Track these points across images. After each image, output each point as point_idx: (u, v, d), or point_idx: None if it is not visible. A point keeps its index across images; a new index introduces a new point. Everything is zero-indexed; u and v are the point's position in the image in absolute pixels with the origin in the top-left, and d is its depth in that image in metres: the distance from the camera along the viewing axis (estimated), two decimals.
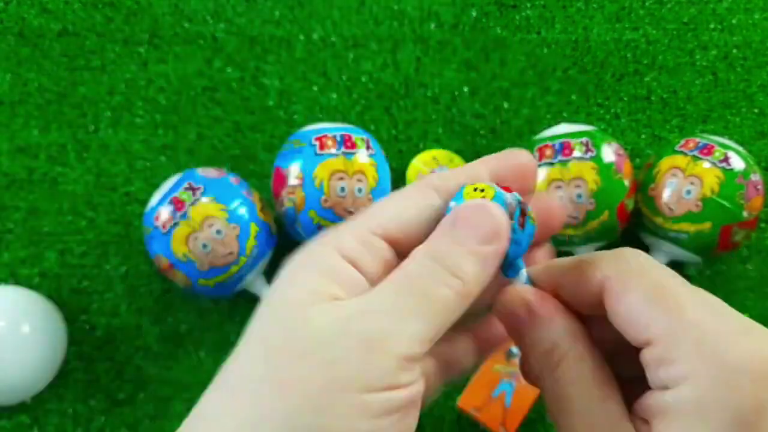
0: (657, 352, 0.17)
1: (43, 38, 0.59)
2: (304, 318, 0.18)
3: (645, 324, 0.18)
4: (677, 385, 0.17)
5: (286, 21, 0.60)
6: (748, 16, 0.61)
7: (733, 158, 0.47)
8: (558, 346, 0.20)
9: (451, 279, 0.18)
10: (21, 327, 0.46)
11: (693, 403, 0.16)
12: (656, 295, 0.18)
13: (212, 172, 0.48)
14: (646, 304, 0.18)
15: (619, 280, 0.19)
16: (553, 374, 0.19)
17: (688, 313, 0.17)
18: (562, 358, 0.19)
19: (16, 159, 0.55)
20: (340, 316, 0.18)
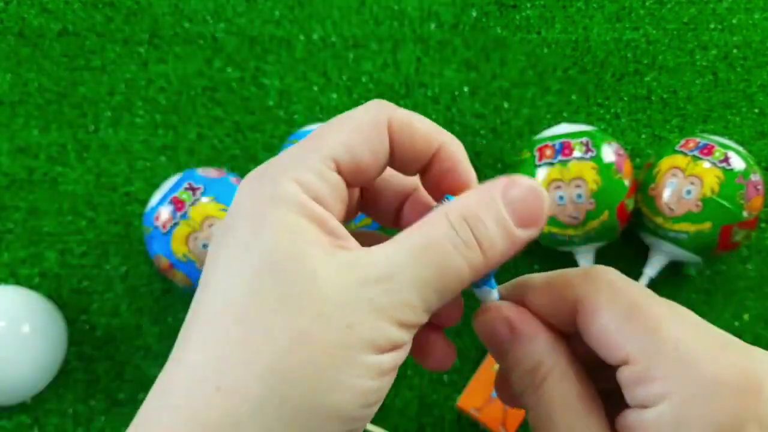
0: (634, 370, 0.17)
1: (43, 38, 0.59)
2: (311, 272, 0.17)
3: (620, 343, 0.18)
4: (656, 403, 0.17)
5: (286, 21, 0.61)
6: (748, 16, 0.61)
7: (733, 158, 0.47)
8: (542, 364, 0.19)
9: (474, 253, 0.18)
10: (21, 327, 0.46)
11: (672, 422, 0.16)
12: (630, 313, 0.18)
13: (212, 172, 0.48)
14: (621, 324, 0.18)
15: (592, 301, 0.19)
16: (536, 392, 0.19)
17: (664, 330, 0.17)
18: (547, 375, 0.19)
19: (17, 159, 0.55)
20: (353, 278, 0.17)
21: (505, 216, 0.18)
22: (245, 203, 0.18)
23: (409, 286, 0.17)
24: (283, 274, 0.17)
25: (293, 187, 0.18)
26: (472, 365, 0.50)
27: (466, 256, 0.18)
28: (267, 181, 0.18)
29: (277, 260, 0.17)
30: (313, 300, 0.17)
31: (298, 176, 0.18)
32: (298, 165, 0.19)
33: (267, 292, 0.17)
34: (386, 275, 0.17)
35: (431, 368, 0.23)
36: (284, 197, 0.18)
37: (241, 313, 0.17)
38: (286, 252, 0.17)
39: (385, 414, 0.49)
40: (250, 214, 0.18)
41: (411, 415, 0.49)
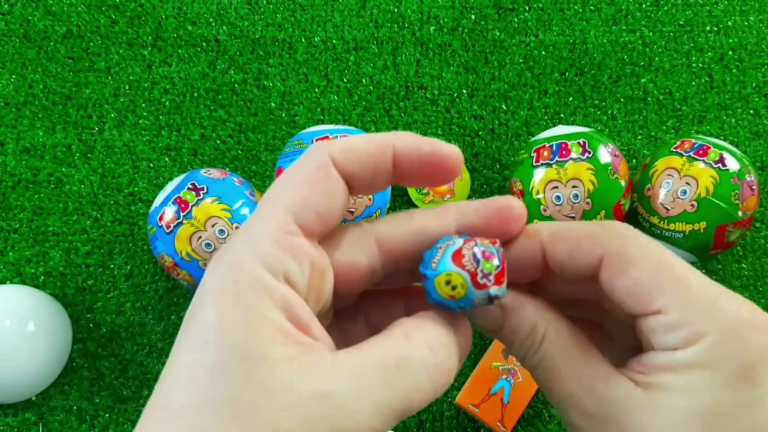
0: (667, 319, 0.19)
1: (48, 40, 0.60)
2: (271, 381, 0.16)
3: (653, 296, 0.19)
4: (689, 345, 0.18)
5: (288, 24, 0.61)
6: (743, 18, 0.62)
7: (728, 159, 0.47)
8: (537, 326, 0.20)
9: (444, 377, 0.18)
10: (26, 325, 0.47)
11: (707, 359, 0.18)
12: (659, 267, 0.19)
13: (215, 172, 0.49)
14: (652, 277, 0.19)
15: (622, 256, 0.19)
16: (538, 352, 0.20)
17: (693, 282, 0.19)
18: (544, 334, 0.20)
19: (22, 159, 0.56)
20: (315, 392, 0.16)
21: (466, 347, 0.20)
22: (210, 289, 0.18)
23: (372, 410, 0.17)
24: (242, 380, 0.16)
25: (257, 268, 0.17)
26: (470, 362, 0.51)
27: (433, 380, 0.18)
28: (230, 264, 0.18)
29: (235, 366, 0.16)
30: (270, 414, 0.16)
31: (261, 253, 0.18)
32: (258, 239, 0.18)
33: (224, 401, 0.16)
34: (349, 394, 0.17)
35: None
36: (249, 282, 0.17)
37: (195, 421, 0.16)
38: (247, 354, 0.16)
39: None
40: (214, 305, 0.17)
41: None
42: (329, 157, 0.19)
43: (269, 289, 0.17)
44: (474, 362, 0.51)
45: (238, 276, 0.17)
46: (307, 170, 0.19)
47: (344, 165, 0.19)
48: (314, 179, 0.19)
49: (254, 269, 0.17)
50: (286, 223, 0.18)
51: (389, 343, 0.18)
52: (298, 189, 0.19)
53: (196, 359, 0.17)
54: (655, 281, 0.19)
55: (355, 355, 0.17)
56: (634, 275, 0.19)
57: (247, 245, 0.18)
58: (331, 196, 0.19)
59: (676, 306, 0.18)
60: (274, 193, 0.19)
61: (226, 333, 0.17)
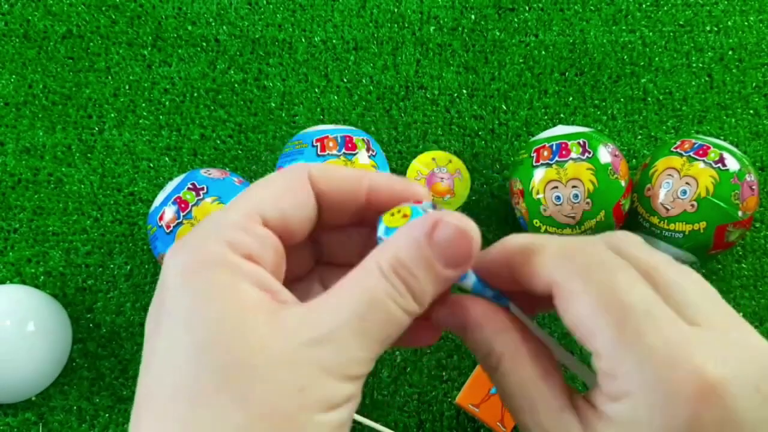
0: (602, 364, 0.18)
1: (48, 40, 0.60)
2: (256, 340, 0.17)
3: (590, 337, 0.18)
4: (619, 399, 0.17)
5: (288, 24, 0.61)
6: (743, 18, 0.62)
7: (728, 159, 0.47)
8: (492, 349, 0.20)
9: (411, 303, 0.19)
10: (26, 325, 0.47)
11: (631, 423, 0.17)
12: (602, 303, 0.18)
13: (215, 172, 0.49)
14: (592, 315, 0.18)
15: (566, 288, 0.19)
16: (495, 374, 0.20)
17: (632, 323, 0.17)
18: (500, 359, 0.20)
19: (22, 159, 0.56)
20: (299, 339, 0.17)
21: (433, 261, 0.19)
22: (175, 273, 0.18)
23: (355, 342, 0.18)
24: (227, 347, 0.17)
25: (221, 247, 0.18)
26: (470, 362, 0.51)
27: (403, 306, 0.18)
28: (193, 247, 0.18)
29: (218, 334, 0.17)
30: (261, 369, 0.17)
31: (225, 236, 0.18)
32: (222, 225, 0.19)
33: (215, 370, 0.17)
34: (332, 334, 0.17)
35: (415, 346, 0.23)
36: (214, 260, 0.18)
37: (192, 395, 0.16)
38: (227, 323, 0.17)
39: (385, 410, 0.50)
40: (183, 286, 0.18)
41: (410, 411, 0.50)
42: (307, 173, 0.20)
43: (236, 264, 0.18)
44: (474, 362, 0.51)
45: (204, 255, 0.18)
46: (282, 178, 0.20)
47: (319, 182, 0.20)
48: (287, 186, 0.20)
49: (219, 248, 0.18)
50: (251, 215, 0.19)
51: (354, 287, 0.18)
52: (268, 190, 0.20)
53: (177, 339, 0.17)
54: (592, 319, 0.18)
55: (327, 303, 0.18)
56: (574, 311, 0.18)
57: (211, 230, 0.19)
58: (299, 204, 0.20)
59: (608, 352, 0.17)
60: (245, 193, 0.20)
61: (201, 308, 0.17)
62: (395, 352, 0.51)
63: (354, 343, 0.18)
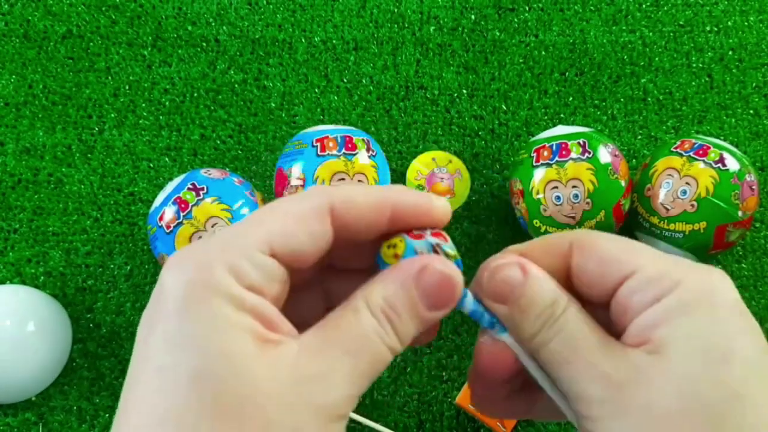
0: (645, 274, 0.19)
1: (48, 40, 0.60)
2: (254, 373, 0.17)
3: (626, 258, 0.20)
4: (673, 290, 0.19)
5: (288, 24, 0.61)
6: (743, 18, 0.62)
7: (728, 159, 0.47)
8: (559, 298, 0.21)
9: (395, 342, 0.19)
10: (26, 325, 0.47)
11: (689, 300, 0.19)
12: (623, 244, 0.21)
13: (215, 172, 0.49)
14: (620, 249, 0.20)
15: (588, 239, 0.21)
16: (556, 324, 0.20)
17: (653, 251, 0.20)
18: (566, 308, 0.20)
19: (22, 160, 0.56)
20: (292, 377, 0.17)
21: (418, 304, 0.20)
22: (175, 292, 0.18)
23: (345, 381, 0.18)
24: (224, 381, 0.17)
25: (225, 276, 0.18)
26: (470, 362, 0.51)
27: (389, 345, 0.19)
28: (197, 268, 0.18)
29: (215, 367, 0.17)
30: (256, 405, 0.17)
31: (230, 263, 0.18)
32: (230, 251, 0.18)
33: (209, 402, 0.16)
34: (323, 373, 0.18)
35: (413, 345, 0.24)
36: (218, 289, 0.18)
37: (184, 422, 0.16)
38: (224, 358, 0.17)
39: (385, 410, 0.50)
40: (181, 307, 0.17)
41: (410, 411, 0.50)
42: (329, 203, 0.20)
43: (238, 297, 0.18)
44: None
45: (209, 280, 0.18)
46: (303, 207, 0.20)
47: (343, 216, 0.20)
48: (305, 217, 0.19)
49: (222, 276, 0.18)
50: (260, 244, 0.19)
51: (343, 321, 0.19)
52: (285, 221, 0.19)
53: (171, 363, 0.17)
54: (623, 252, 0.20)
55: (318, 339, 0.19)
56: (603, 247, 0.21)
57: (217, 253, 0.18)
58: (314, 239, 0.20)
59: (648, 263, 0.20)
60: (262, 215, 0.19)
61: (200, 338, 0.17)
62: None
63: (345, 381, 0.18)
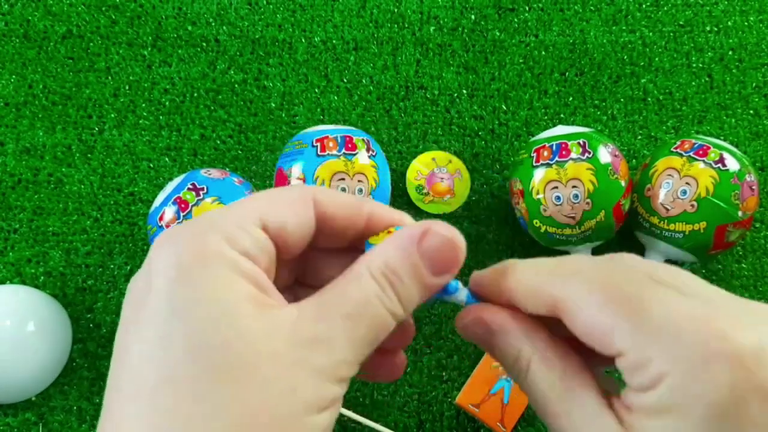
0: (629, 359, 0.17)
1: (48, 40, 0.60)
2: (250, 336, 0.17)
3: (609, 338, 0.18)
4: (654, 386, 0.17)
5: (288, 24, 0.61)
6: (743, 18, 0.62)
7: (728, 159, 0.47)
8: (521, 353, 0.20)
9: (398, 307, 0.19)
10: (26, 325, 0.47)
11: (671, 403, 0.17)
12: (610, 302, 0.18)
13: (215, 173, 0.49)
14: (603, 318, 0.18)
15: (570, 303, 0.19)
16: (526, 380, 0.20)
17: (652, 308, 0.17)
18: (529, 363, 0.20)
19: (22, 160, 0.56)
20: (291, 339, 0.17)
21: (421, 268, 0.19)
22: (169, 265, 0.18)
23: (345, 344, 0.18)
24: (221, 340, 0.16)
25: (219, 241, 0.18)
26: (470, 362, 0.51)
27: (390, 309, 0.19)
28: (189, 238, 0.18)
29: (212, 325, 0.17)
30: (255, 365, 0.17)
31: (224, 231, 0.18)
32: (223, 221, 0.18)
33: (207, 362, 0.16)
34: (323, 336, 0.18)
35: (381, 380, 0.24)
36: (213, 253, 0.18)
37: (182, 386, 0.16)
38: (221, 315, 0.17)
39: (385, 410, 0.50)
40: (177, 272, 0.17)
41: (410, 411, 0.50)
42: (312, 193, 0.20)
43: (233, 259, 0.18)
44: (474, 362, 0.51)
45: (202, 247, 0.18)
46: (287, 192, 0.20)
47: (325, 205, 0.20)
48: (291, 199, 0.20)
49: (217, 242, 0.18)
50: (252, 218, 0.19)
51: (344, 290, 0.19)
52: (272, 201, 0.20)
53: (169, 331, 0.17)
54: (605, 322, 0.18)
55: (317, 305, 0.18)
56: (584, 321, 0.18)
57: (209, 224, 0.19)
58: (300, 219, 0.20)
59: (633, 345, 0.17)
60: (248, 197, 0.20)
61: (197, 302, 0.17)
62: None
63: (344, 345, 0.18)
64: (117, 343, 0.18)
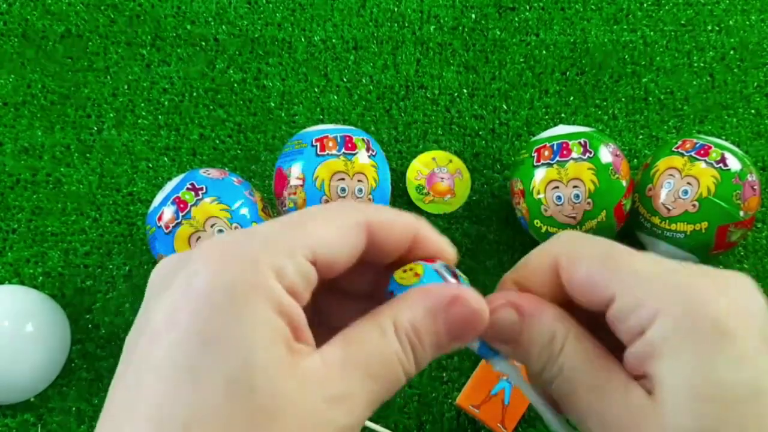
0: (623, 302, 0.19)
1: (47, 40, 0.60)
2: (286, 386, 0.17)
3: (604, 282, 0.19)
4: (652, 323, 0.18)
5: (288, 23, 0.61)
6: (744, 17, 0.62)
7: (729, 159, 0.47)
8: (557, 333, 0.20)
9: (413, 370, 0.19)
10: (25, 326, 0.47)
11: (670, 333, 0.18)
12: (604, 257, 0.20)
13: (215, 172, 0.49)
14: (600, 266, 0.20)
15: (568, 255, 0.21)
16: (558, 360, 0.20)
17: (637, 263, 0.20)
18: (564, 341, 0.20)
19: (21, 159, 0.56)
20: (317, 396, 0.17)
21: (442, 335, 0.19)
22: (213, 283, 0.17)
23: (365, 403, 0.18)
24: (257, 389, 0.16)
25: (269, 273, 0.17)
26: (471, 363, 0.51)
27: (407, 372, 0.19)
28: (243, 261, 0.17)
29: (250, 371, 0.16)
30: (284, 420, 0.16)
31: (275, 260, 0.18)
32: (275, 250, 0.18)
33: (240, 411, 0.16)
34: (345, 394, 0.18)
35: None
36: (260, 285, 0.17)
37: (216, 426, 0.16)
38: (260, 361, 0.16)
39: (385, 412, 0.50)
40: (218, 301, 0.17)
41: (411, 412, 0.50)
42: (367, 220, 0.20)
43: (278, 298, 0.17)
44: (474, 363, 0.51)
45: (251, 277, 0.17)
46: (343, 216, 0.20)
47: (377, 233, 0.20)
48: (347, 227, 0.20)
49: (269, 276, 0.17)
50: (306, 251, 0.18)
51: (369, 340, 0.19)
52: (329, 228, 0.19)
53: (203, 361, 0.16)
54: (602, 270, 0.20)
55: (341, 355, 0.18)
56: (583, 268, 0.20)
57: (265, 249, 0.18)
58: (351, 251, 0.20)
59: (626, 288, 0.19)
60: (303, 218, 0.19)
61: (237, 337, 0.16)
62: None
63: (365, 405, 0.18)
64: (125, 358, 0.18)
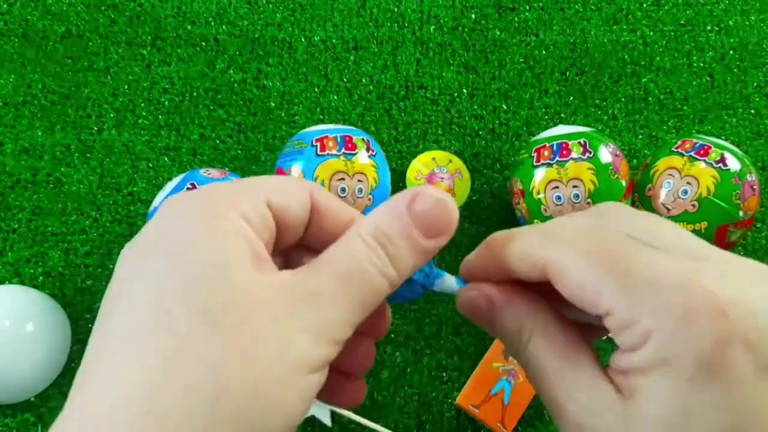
0: (617, 318, 0.18)
1: (47, 40, 0.60)
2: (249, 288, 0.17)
3: (595, 298, 0.18)
4: (642, 344, 0.17)
5: (288, 23, 0.61)
6: (744, 17, 0.62)
7: (729, 159, 0.47)
8: (524, 325, 0.20)
9: (391, 270, 0.19)
10: (25, 326, 0.47)
11: (660, 358, 0.17)
12: (594, 262, 0.18)
13: (215, 172, 0.49)
14: (592, 278, 0.18)
15: (556, 265, 0.19)
16: (525, 351, 0.20)
17: (637, 268, 0.18)
18: (531, 334, 0.20)
19: (21, 159, 0.56)
20: (288, 296, 0.18)
21: (413, 231, 0.19)
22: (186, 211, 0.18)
23: (337, 302, 0.18)
24: (221, 287, 0.17)
25: (231, 211, 0.18)
26: (471, 363, 0.51)
27: (384, 273, 0.19)
28: (205, 199, 0.19)
29: (214, 273, 0.17)
30: (250, 316, 0.17)
31: (234, 200, 0.19)
32: (234, 192, 0.19)
33: (204, 306, 0.16)
34: (317, 295, 0.18)
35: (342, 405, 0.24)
36: (225, 216, 0.18)
37: (175, 326, 0.16)
38: (224, 265, 0.17)
39: (385, 411, 0.50)
40: (190, 224, 0.18)
41: (411, 412, 0.50)
42: (310, 187, 0.21)
43: (238, 224, 0.18)
44: (474, 363, 0.51)
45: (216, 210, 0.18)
46: (290, 180, 0.21)
47: (317, 199, 0.21)
48: (297, 188, 0.21)
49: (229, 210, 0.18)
50: (261, 196, 0.19)
51: (338, 255, 0.19)
52: (277, 183, 0.20)
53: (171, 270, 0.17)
54: (593, 281, 0.18)
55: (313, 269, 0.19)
56: (572, 282, 0.19)
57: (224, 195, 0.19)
58: (300, 206, 0.20)
59: (619, 304, 0.18)
60: (257, 177, 0.21)
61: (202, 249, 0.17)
62: (395, 352, 0.51)
63: (337, 302, 0.18)
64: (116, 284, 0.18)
